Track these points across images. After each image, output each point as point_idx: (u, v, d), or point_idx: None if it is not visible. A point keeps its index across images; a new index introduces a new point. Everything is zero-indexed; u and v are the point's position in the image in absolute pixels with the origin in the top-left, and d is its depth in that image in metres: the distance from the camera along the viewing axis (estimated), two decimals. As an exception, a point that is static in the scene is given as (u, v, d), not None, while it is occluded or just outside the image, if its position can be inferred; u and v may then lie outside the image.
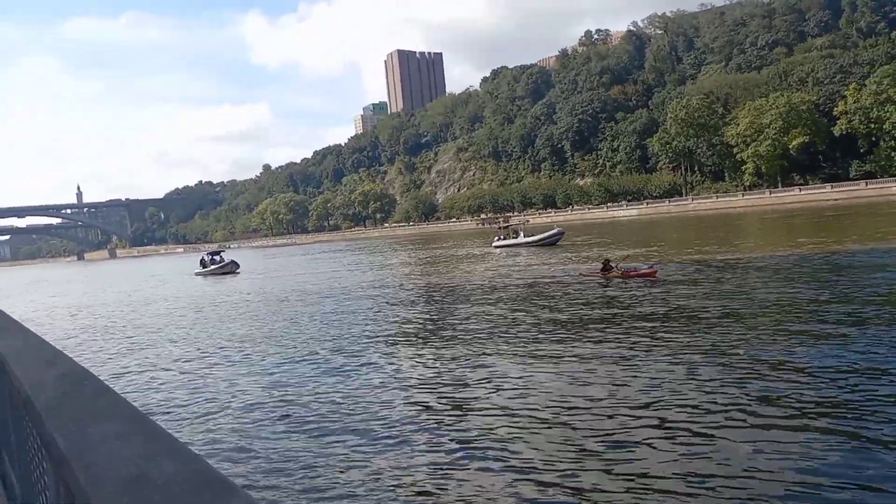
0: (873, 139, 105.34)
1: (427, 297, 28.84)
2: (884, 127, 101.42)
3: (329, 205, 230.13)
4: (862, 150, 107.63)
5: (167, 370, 17.32)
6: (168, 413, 12.85)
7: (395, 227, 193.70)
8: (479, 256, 52.60)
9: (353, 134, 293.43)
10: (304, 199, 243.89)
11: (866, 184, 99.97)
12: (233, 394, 13.80)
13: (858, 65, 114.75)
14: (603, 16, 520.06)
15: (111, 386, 1.93)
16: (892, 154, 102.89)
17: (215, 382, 15.07)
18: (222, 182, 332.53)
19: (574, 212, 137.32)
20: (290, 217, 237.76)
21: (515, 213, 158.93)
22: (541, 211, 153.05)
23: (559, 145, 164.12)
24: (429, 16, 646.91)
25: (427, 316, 22.61)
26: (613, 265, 29.04)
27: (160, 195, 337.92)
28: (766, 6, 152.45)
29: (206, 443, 10.64)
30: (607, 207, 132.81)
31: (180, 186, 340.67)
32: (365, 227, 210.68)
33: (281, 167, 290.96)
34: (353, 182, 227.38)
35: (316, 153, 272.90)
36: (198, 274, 64.14)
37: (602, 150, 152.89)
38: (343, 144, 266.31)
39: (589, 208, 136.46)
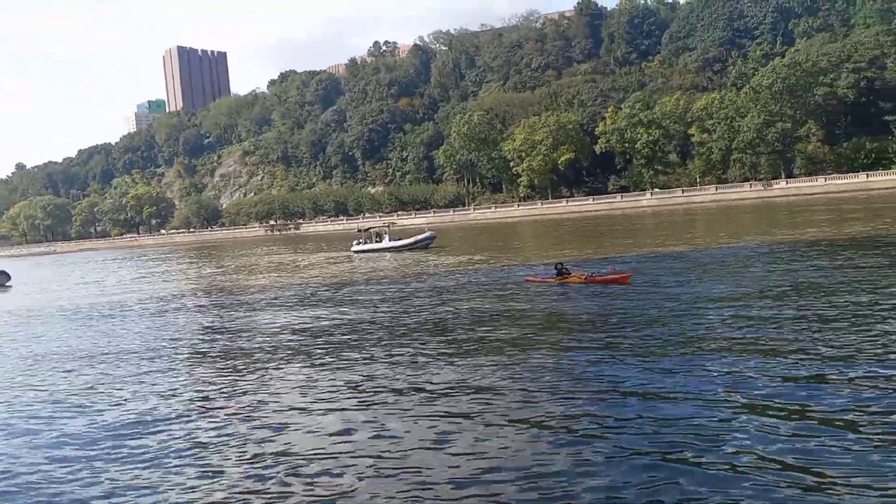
0: (627, 157, 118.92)
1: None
2: (636, 146, 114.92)
3: (96, 209, 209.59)
4: (618, 167, 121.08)
5: None
6: None
7: (174, 233, 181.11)
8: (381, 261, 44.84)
9: (125, 132, 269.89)
10: (66, 202, 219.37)
11: (621, 197, 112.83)
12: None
13: (615, 90, 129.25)
14: (392, 27, 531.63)
15: None
16: (643, 171, 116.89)
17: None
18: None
19: (366, 220, 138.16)
20: (48, 222, 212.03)
21: (306, 220, 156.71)
22: (332, 218, 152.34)
23: (350, 153, 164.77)
24: (211, 13, 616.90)
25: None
26: (570, 269, 24.22)
27: None
28: (539, 31, 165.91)
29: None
30: (397, 216, 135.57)
31: None
32: (138, 233, 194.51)
33: (38, 166, 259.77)
34: (124, 184, 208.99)
35: (81, 151, 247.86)
36: None
37: (392, 160, 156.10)
38: (114, 143, 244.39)
39: (380, 216, 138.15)
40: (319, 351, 16.28)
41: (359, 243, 55.50)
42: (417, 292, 25.95)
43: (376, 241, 55.24)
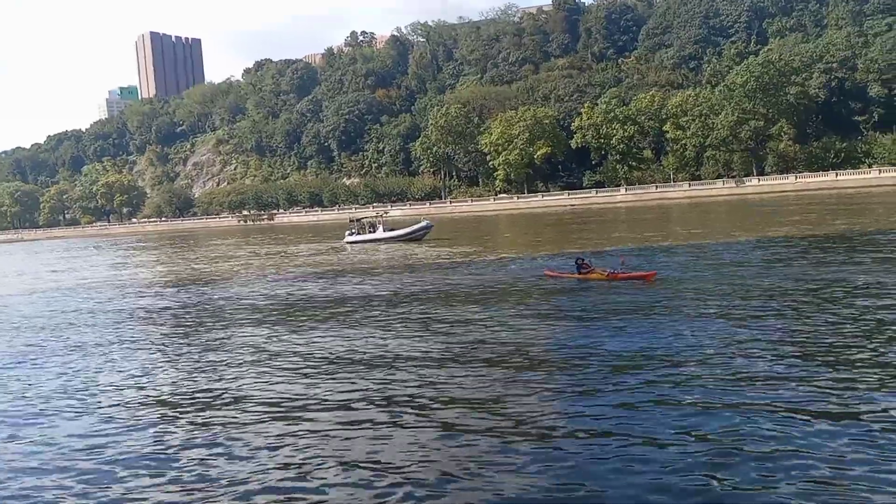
0: (603, 152, 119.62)
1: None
2: (611, 142, 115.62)
3: (65, 196, 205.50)
4: (594, 162, 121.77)
5: None
6: None
7: (145, 222, 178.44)
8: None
9: (96, 119, 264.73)
10: (34, 189, 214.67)
11: (597, 192, 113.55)
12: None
13: (592, 85, 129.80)
14: (369, 17, 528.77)
15: None
16: (618, 166, 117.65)
17: None
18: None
19: (342, 211, 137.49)
20: (16, 209, 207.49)
21: (280, 211, 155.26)
22: (307, 209, 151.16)
23: (326, 143, 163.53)
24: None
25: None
26: (591, 263, 23.30)
27: None
28: (516, 25, 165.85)
29: None
30: (373, 208, 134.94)
31: None
32: (109, 222, 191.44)
33: (5, 152, 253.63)
34: (95, 172, 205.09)
35: (50, 138, 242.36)
36: None
37: (368, 151, 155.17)
38: (84, 130, 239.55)
39: (356, 208, 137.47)
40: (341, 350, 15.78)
41: (351, 234, 54.35)
42: (433, 287, 24.75)
43: (370, 232, 54.09)
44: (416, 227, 52.52)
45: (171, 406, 11.83)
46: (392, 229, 53.91)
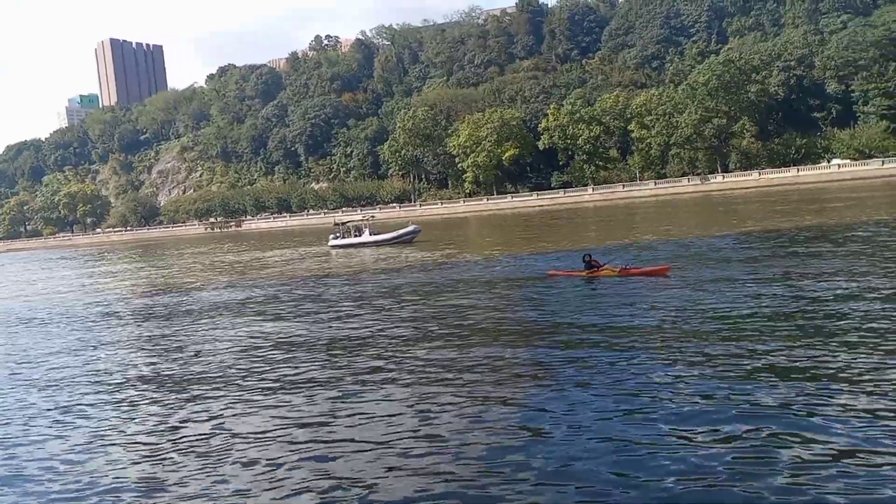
0: (570, 153, 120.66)
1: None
2: (577, 143, 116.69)
3: (26, 207, 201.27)
4: (561, 163, 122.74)
5: None
6: None
7: (110, 232, 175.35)
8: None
9: (56, 128, 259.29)
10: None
11: (565, 192, 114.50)
12: None
13: (557, 86, 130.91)
14: (333, 20, 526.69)
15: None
16: (584, 166, 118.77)
17: None
18: None
19: (310, 216, 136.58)
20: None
21: (248, 217, 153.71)
22: (275, 214, 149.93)
23: (293, 148, 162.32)
24: (146, 3, 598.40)
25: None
26: (603, 262, 22.07)
27: None
28: (481, 27, 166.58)
29: None
30: (342, 212, 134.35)
31: None
32: (72, 232, 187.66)
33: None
34: (56, 182, 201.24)
35: (9, 148, 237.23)
36: None
37: (336, 156, 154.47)
38: (43, 139, 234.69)
39: (325, 213, 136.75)
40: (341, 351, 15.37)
41: (335, 237, 54.37)
42: (434, 290, 23.68)
43: (355, 236, 54.14)
44: (403, 231, 52.59)
45: (164, 398, 11.80)
46: (378, 233, 54.20)
